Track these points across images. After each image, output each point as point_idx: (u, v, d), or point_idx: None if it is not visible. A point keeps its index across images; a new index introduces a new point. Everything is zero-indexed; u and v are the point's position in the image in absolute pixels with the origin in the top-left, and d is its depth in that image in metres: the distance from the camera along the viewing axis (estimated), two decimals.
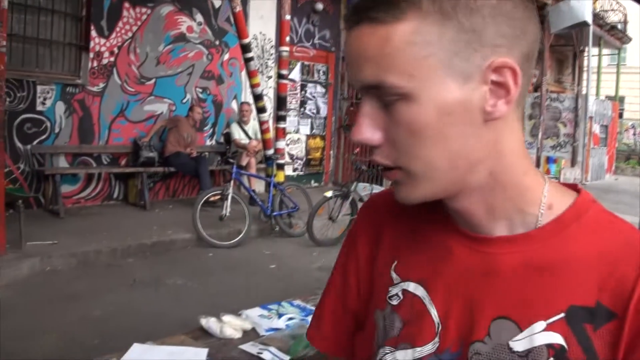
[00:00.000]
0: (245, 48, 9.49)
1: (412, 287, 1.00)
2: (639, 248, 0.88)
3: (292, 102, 13.19)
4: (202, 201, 8.65)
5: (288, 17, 9.81)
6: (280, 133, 10.04)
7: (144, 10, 10.50)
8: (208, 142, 11.96)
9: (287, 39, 9.86)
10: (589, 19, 16.11)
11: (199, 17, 11.39)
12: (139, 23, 10.46)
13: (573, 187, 0.99)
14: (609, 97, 26.26)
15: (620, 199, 15.82)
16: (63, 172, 9.64)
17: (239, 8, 9.23)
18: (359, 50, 0.86)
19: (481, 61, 0.84)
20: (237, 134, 11.22)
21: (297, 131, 13.69)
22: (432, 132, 0.85)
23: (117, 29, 10.17)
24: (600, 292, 0.86)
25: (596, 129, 22.01)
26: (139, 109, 10.65)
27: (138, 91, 10.60)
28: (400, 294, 1.01)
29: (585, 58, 21.34)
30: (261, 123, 9.96)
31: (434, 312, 0.96)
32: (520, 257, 0.92)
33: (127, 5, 10.23)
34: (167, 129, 10.77)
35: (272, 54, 12.60)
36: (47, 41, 9.58)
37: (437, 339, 0.95)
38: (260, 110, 9.90)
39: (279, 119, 9.98)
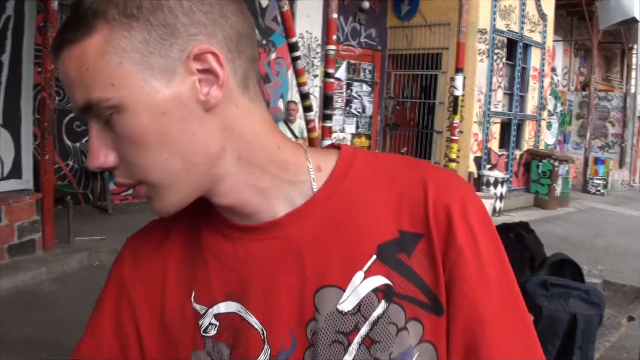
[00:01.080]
0: (293, 47, 9.47)
1: (223, 307, 0.95)
2: (413, 168, 0.94)
3: (338, 101, 13.17)
4: None
5: (335, 15, 9.76)
6: (327, 132, 10.01)
7: None
8: None
9: (334, 37, 9.83)
10: (638, 15, 15.81)
11: None
12: None
13: (334, 146, 1.00)
14: None
15: None
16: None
17: (286, 7, 9.22)
18: (66, 76, 0.84)
19: (180, 53, 0.82)
20: (286, 133, 11.23)
21: (342, 130, 13.67)
22: (155, 137, 0.83)
23: None
24: (399, 222, 0.90)
25: None
26: None
27: None
28: (214, 320, 0.95)
29: (634, 55, 20.98)
30: (307, 122, 9.94)
31: (253, 320, 0.92)
32: (311, 225, 0.92)
33: None
34: None
35: (318, 53, 12.60)
36: None
37: (266, 345, 0.91)
38: (307, 109, 9.86)
39: (325, 117, 9.94)
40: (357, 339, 0.87)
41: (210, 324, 0.95)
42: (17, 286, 6.45)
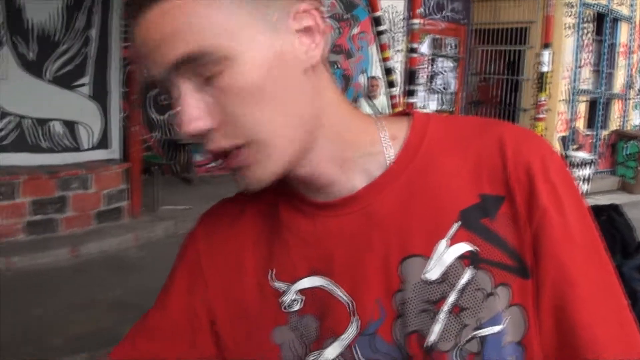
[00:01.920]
0: (377, 21, 9.40)
1: (307, 282, 0.93)
2: (488, 128, 0.92)
3: (421, 77, 13.05)
4: None
5: None
6: (410, 108, 9.87)
7: None
8: None
9: (419, 11, 9.73)
10: None
11: None
12: None
13: (404, 113, 0.99)
14: None
15: None
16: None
17: None
18: (162, 29, 0.78)
19: (286, 10, 0.81)
20: (366, 108, 11.21)
21: (425, 107, 13.55)
22: (264, 93, 0.80)
23: None
24: (479, 186, 0.88)
25: None
26: None
27: None
28: (298, 296, 0.94)
29: None
30: (391, 97, 9.90)
31: (340, 294, 0.91)
32: (390, 196, 0.90)
33: None
34: None
35: (401, 28, 12.48)
36: None
37: (355, 317, 0.90)
38: (391, 84, 9.79)
39: (409, 93, 9.88)
40: (445, 307, 0.86)
41: (293, 300, 0.94)
42: (104, 251, 6.72)
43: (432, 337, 0.86)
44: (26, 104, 7.08)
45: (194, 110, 0.80)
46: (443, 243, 0.87)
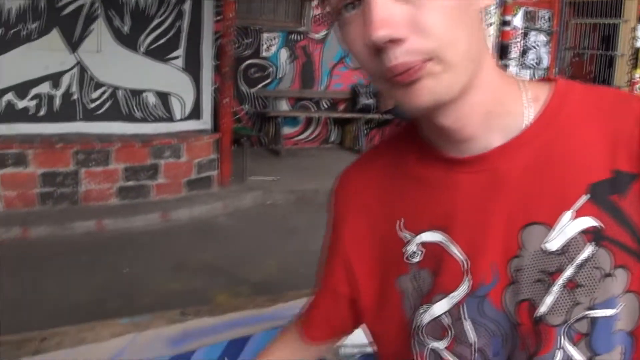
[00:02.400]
0: None
1: (428, 235, 0.94)
2: (629, 103, 0.88)
3: (513, 51, 12.76)
4: None
5: None
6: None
7: None
8: None
9: None
10: None
11: None
12: None
13: (547, 79, 0.95)
14: None
15: None
16: (285, 114, 10.12)
17: None
18: None
19: None
20: None
21: None
22: (460, 15, 0.79)
23: None
24: (613, 161, 0.84)
25: None
26: None
27: None
28: (419, 248, 0.95)
29: None
30: None
31: (457, 251, 0.90)
32: (522, 160, 0.88)
33: None
34: None
35: None
36: None
37: (468, 277, 0.89)
38: None
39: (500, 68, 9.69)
40: (561, 280, 0.83)
41: (414, 251, 0.96)
42: (194, 217, 6.93)
43: (543, 308, 0.84)
44: (120, 75, 7.35)
45: (389, 15, 0.77)
46: (568, 214, 0.84)
